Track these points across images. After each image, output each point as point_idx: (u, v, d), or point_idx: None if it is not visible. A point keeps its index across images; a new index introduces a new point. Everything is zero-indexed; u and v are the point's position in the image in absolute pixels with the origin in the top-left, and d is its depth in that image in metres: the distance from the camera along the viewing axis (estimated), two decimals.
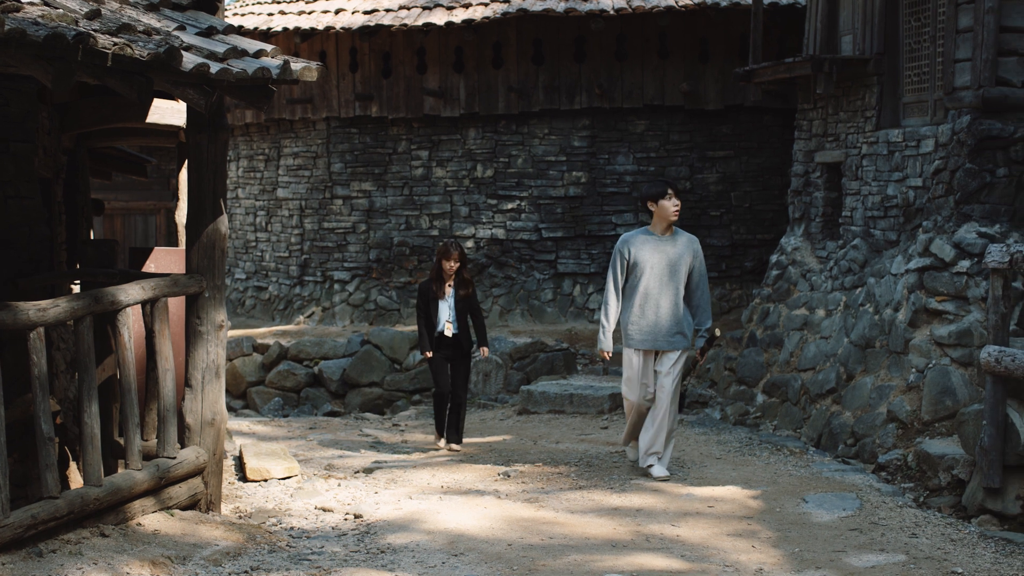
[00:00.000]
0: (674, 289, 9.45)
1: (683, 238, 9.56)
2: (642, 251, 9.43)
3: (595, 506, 8.58)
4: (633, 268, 9.46)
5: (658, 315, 9.44)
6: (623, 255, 9.48)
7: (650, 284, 9.42)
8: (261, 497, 8.87)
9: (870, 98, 12.74)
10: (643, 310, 9.46)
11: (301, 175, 18.57)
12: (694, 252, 9.52)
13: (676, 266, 9.43)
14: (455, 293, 11.25)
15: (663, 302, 9.44)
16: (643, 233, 9.57)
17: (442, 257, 11.25)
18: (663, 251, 9.44)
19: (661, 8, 16.32)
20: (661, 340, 9.46)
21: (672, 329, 9.46)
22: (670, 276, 9.43)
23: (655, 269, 9.41)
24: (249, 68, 6.84)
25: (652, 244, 9.45)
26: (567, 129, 17.26)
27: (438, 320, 11.21)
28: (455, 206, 17.55)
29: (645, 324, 9.46)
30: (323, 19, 17.42)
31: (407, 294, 17.61)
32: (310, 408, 15.89)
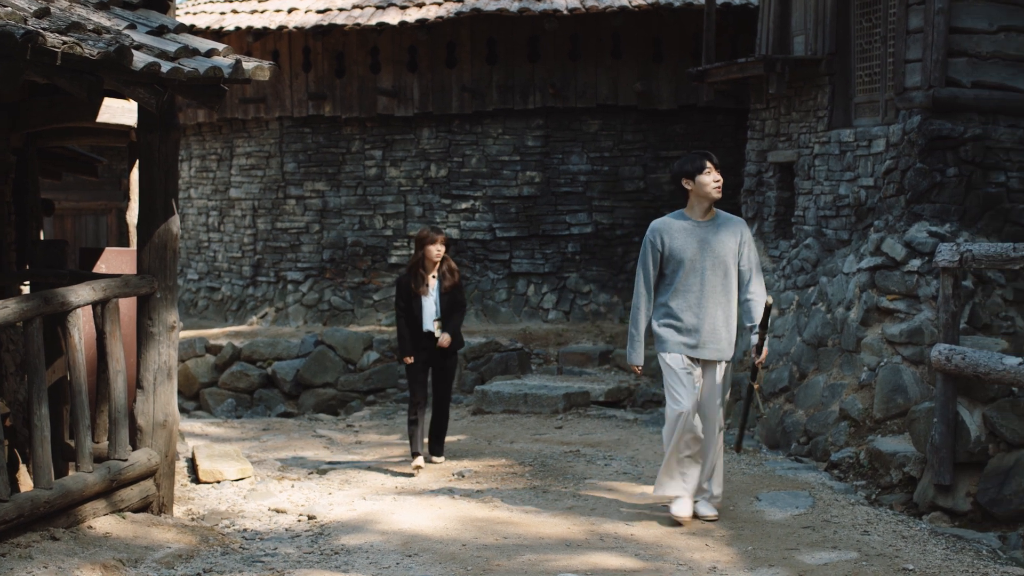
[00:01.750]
0: (720, 285, 7.85)
1: (727, 222, 7.96)
2: (678, 240, 7.85)
3: (549, 506, 8.58)
4: (668, 261, 7.89)
5: (700, 317, 7.83)
6: (655, 246, 7.90)
7: (690, 280, 7.83)
8: (214, 499, 8.82)
9: (822, 98, 12.82)
10: (681, 311, 7.86)
11: (254, 175, 18.48)
12: (742, 237, 7.93)
13: (721, 256, 7.84)
14: (439, 287, 10.11)
15: (707, 302, 7.84)
16: (678, 218, 7.98)
17: (425, 243, 10.06)
18: (704, 239, 7.85)
19: (615, 8, 16.35)
20: (704, 347, 7.87)
21: (719, 335, 7.87)
22: (713, 269, 7.83)
23: (695, 261, 7.83)
24: (201, 67, 6.80)
25: (690, 231, 7.88)
26: (521, 129, 17.26)
27: (423, 319, 10.06)
28: (409, 206, 17.51)
29: (684, 327, 7.87)
30: (276, 18, 17.35)
31: (361, 294, 17.56)
32: (263, 409, 15.82)
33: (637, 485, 9.21)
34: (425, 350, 10.12)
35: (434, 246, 10.01)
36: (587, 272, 17.10)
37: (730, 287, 7.90)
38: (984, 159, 10.81)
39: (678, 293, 7.88)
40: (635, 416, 12.97)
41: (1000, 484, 8.02)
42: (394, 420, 13.35)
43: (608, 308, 16.94)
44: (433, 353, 10.14)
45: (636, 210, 17.14)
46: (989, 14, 10.90)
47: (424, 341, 10.11)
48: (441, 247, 10.05)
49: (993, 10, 10.89)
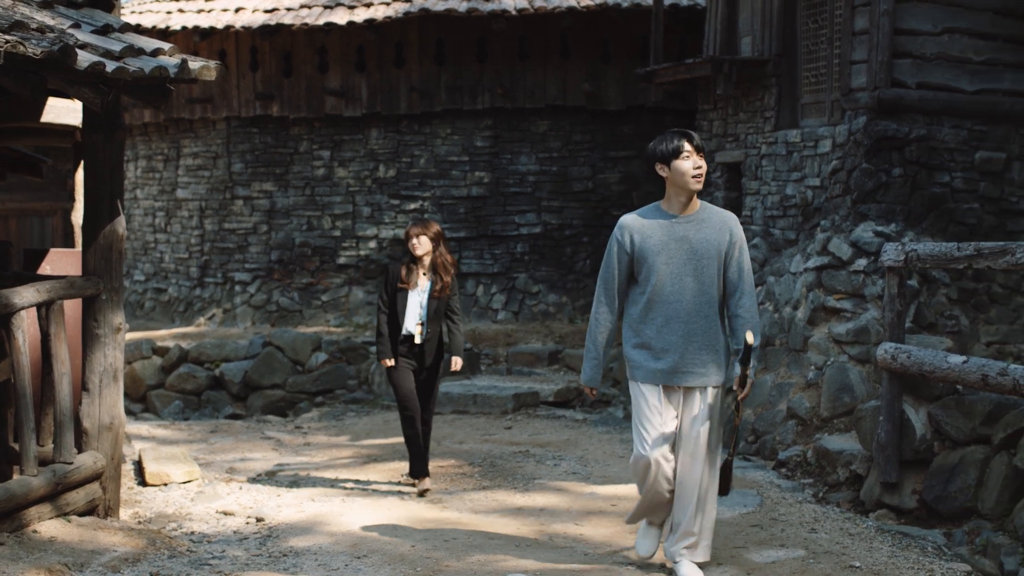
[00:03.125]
0: (701, 292, 6.48)
1: (713, 217, 6.57)
2: (652, 239, 6.49)
3: (499, 506, 8.58)
4: (639, 264, 6.53)
5: (679, 336, 6.48)
6: (623, 246, 6.54)
7: (665, 286, 6.47)
8: (161, 502, 8.76)
9: (769, 99, 12.89)
10: (656, 325, 6.52)
11: (201, 175, 18.37)
12: (731, 236, 6.54)
13: (704, 257, 6.48)
14: (430, 288, 9.09)
15: (688, 316, 6.48)
16: (652, 213, 6.60)
17: (411, 235, 9.11)
18: (683, 237, 6.48)
19: (563, 9, 16.38)
20: (685, 371, 6.52)
21: (701, 355, 6.50)
22: (695, 273, 6.46)
23: (672, 263, 6.47)
24: (146, 67, 6.75)
25: (666, 227, 6.51)
26: (470, 129, 17.25)
27: (404, 318, 9.03)
28: (357, 206, 17.46)
29: (659, 348, 6.51)
30: (223, 18, 17.25)
31: (309, 295, 17.50)
32: (211, 411, 15.72)
33: (586, 485, 9.23)
34: (411, 356, 9.15)
35: (409, 241, 9.09)
36: (536, 272, 17.11)
37: (717, 297, 6.53)
38: (929, 159, 10.91)
39: (652, 305, 6.51)
40: (584, 416, 12.99)
41: (945, 481, 8.10)
42: (343, 422, 13.31)
43: (557, 308, 16.96)
44: (418, 360, 9.19)
45: (585, 210, 17.17)
46: (933, 16, 11.00)
47: (407, 345, 9.11)
48: (422, 242, 9.03)
49: (937, 12, 11.00)
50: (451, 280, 9.16)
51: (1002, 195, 11.22)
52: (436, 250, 9.13)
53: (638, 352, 6.61)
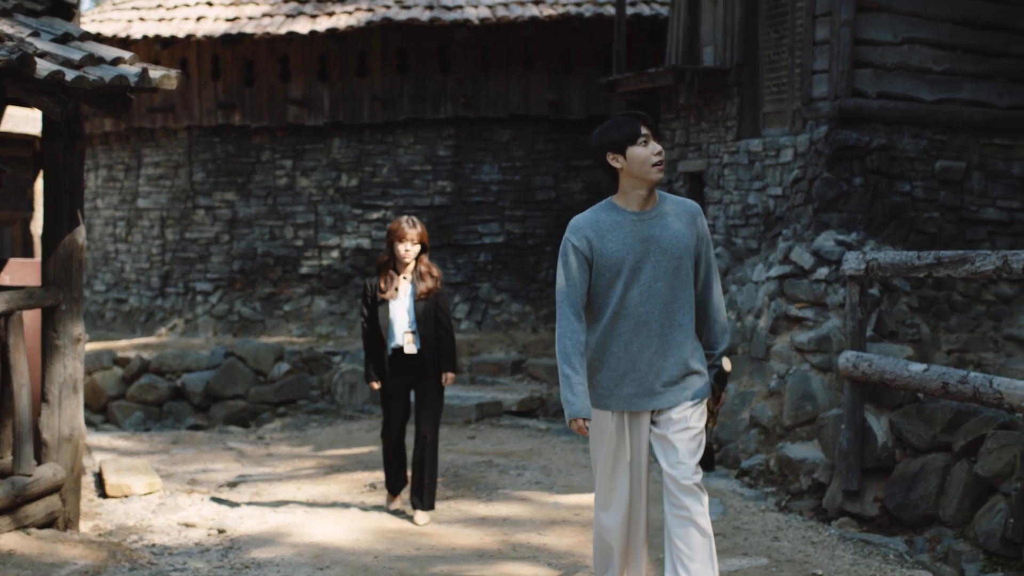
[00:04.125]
0: (675, 298, 5.53)
1: (678, 209, 5.63)
2: (612, 241, 5.50)
3: (462, 516, 8.57)
4: (601, 272, 5.51)
5: (651, 348, 5.51)
6: (579, 251, 5.51)
7: (633, 296, 5.49)
8: (122, 514, 8.70)
9: (731, 108, 12.94)
10: (623, 342, 5.52)
11: (162, 185, 18.28)
12: (698, 231, 5.63)
13: (676, 258, 5.52)
14: (413, 291, 8.32)
15: (659, 324, 5.51)
16: (608, 211, 5.62)
17: (394, 239, 8.29)
18: (649, 236, 5.51)
19: (525, 18, 16.39)
20: (660, 392, 5.56)
21: (677, 368, 5.56)
22: (668, 276, 5.50)
23: (641, 269, 5.49)
24: (106, 76, 6.71)
25: (627, 227, 5.52)
26: (432, 138, 17.23)
27: (390, 331, 8.29)
28: (320, 216, 17.42)
29: (627, 365, 5.53)
30: (184, 26, 17.16)
31: (272, 305, 17.43)
32: (173, 422, 15.63)
33: (550, 494, 9.22)
34: (402, 373, 8.40)
35: (402, 244, 8.26)
36: (499, 282, 17.11)
37: (690, 299, 5.59)
38: (889, 169, 10.97)
39: (618, 319, 5.50)
40: (547, 425, 12.98)
41: (907, 489, 8.13)
42: (305, 432, 13.26)
43: (520, 318, 16.96)
44: (413, 377, 8.40)
45: (548, 219, 17.18)
46: (893, 26, 11.08)
47: (397, 360, 8.37)
48: (414, 246, 8.30)
49: (897, 22, 11.07)
50: (438, 283, 8.37)
51: (962, 204, 11.29)
52: (421, 256, 8.41)
53: (606, 375, 5.55)
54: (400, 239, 8.27)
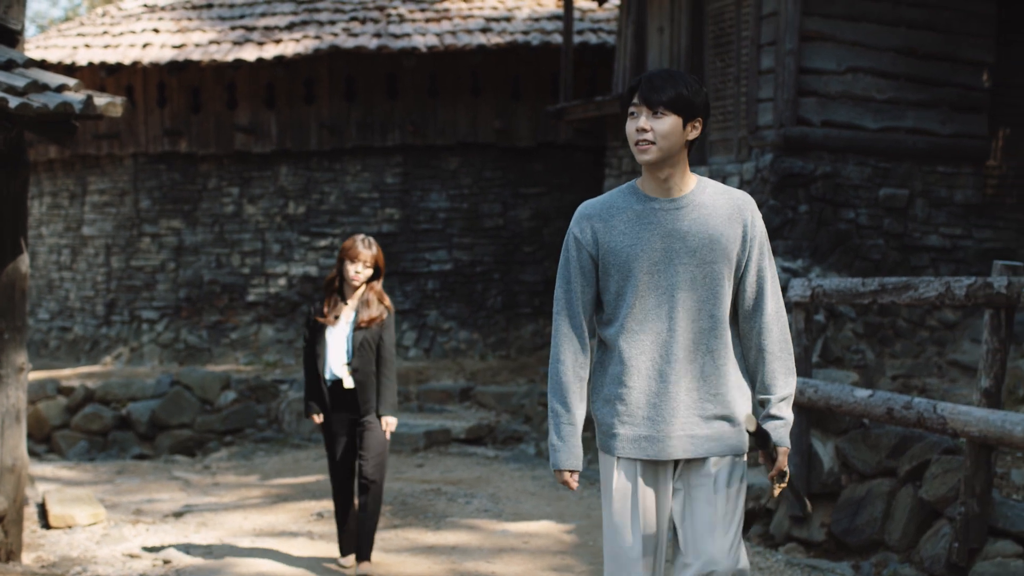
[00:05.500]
0: (702, 313, 4.25)
1: (717, 199, 4.29)
2: (623, 233, 4.25)
3: (410, 545, 8.53)
4: (607, 273, 4.29)
5: (670, 378, 4.24)
6: (582, 244, 4.30)
7: (647, 306, 4.24)
8: (65, 545, 8.59)
9: None
10: (633, 366, 4.27)
11: (108, 212, 18.15)
12: (746, 228, 4.27)
13: (705, 261, 4.23)
14: (354, 319, 7.48)
15: (681, 346, 4.24)
16: (624, 196, 4.32)
17: (346, 258, 7.42)
18: (672, 231, 4.23)
19: (473, 47, 16.44)
20: (681, 435, 4.25)
21: (703, 408, 4.27)
22: (692, 284, 4.22)
23: (657, 271, 4.23)
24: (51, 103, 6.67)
25: (644, 217, 4.25)
26: (380, 166, 17.23)
27: (324, 361, 7.50)
28: (267, 243, 17.35)
29: (638, 403, 4.28)
30: (130, 53, 17.08)
31: (218, 333, 17.32)
32: (118, 452, 15.48)
33: (498, 522, 9.20)
34: (342, 409, 7.58)
35: (353, 265, 7.39)
36: (447, 309, 17.10)
37: (724, 318, 4.28)
38: (834, 196, 11.07)
39: (629, 336, 4.25)
40: (496, 453, 12.97)
41: (853, 514, 8.18)
42: (252, 461, 13.17)
43: (469, 345, 16.94)
44: (353, 414, 7.58)
45: (496, 247, 17.20)
46: (837, 55, 11.19)
47: (336, 393, 7.54)
48: (365, 268, 7.42)
49: (841, 51, 11.19)
50: (383, 314, 7.51)
51: (905, 231, 11.41)
52: (371, 282, 7.56)
53: (608, 409, 4.34)
54: (351, 259, 7.37)
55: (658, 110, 4.16)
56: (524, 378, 15.28)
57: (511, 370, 15.85)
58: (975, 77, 11.67)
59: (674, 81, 4.18)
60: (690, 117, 4.20)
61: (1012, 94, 11.89)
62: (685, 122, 4.20)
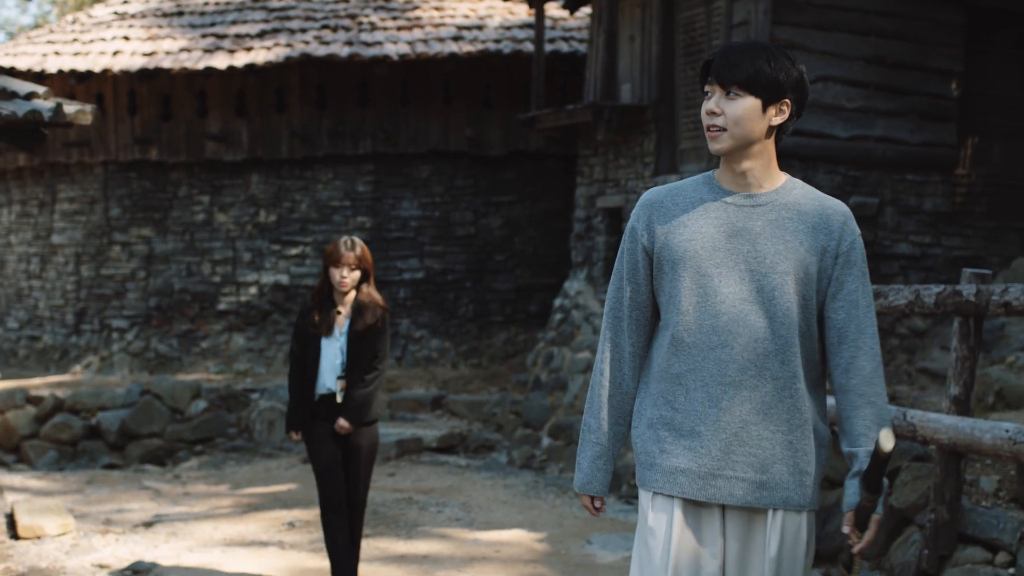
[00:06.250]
0: (768, 332, 3.52)
1: (805, 205, 3.62)
2: (683, 224, 3.61)
3: (381, 554, 8.51)
4: (661, 270, 3.64)
5: (721, 400, 3.52)
6: (636, 235, 3.69)
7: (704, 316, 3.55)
8: (34, 555, 8.54)
9: (648, 144, 13.05)
10: (685, 388, 3.57)
11: (77, 220, 18.07)
12: (839, 242, 3.56)
13: (772, 271, 3.53)
14: (349, 328, 7.07)
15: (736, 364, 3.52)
16: (698, 186, 3.68)
17: (330, 263, 7.00)
18: (741, 230, 3.57)
19: (445, 55, 16.44)
20: (734, 476, 3.52)
21: (763, 447, 3.53)
22: (758, 296, 3.52)
23: (714, 272, 3.56)
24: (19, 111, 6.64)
25: (713, 210, 3.61)
26: (352, 174, 17.20)
27: (318, 374, 7.06)
28: (238, 252, 17.30)
29: (684, 424, 3.57)
30: (100, 60, 17.02)
31: (189, 342, 17.26)
32: (87, 461, 15.40)
33: (470, 531, 9.19)
34: (331, 421, 7.10)
35: (338, 270, 6.96)
36: (419, 318, 17.08)
37: (793, 342, 3.53)
38: None
39: (679, 347, 3.58)
40: (467, 462, 12.95)
41: (823, 521, 8.20)
42: (223, 470, 13.12)
43: (440, 354, 16.93)
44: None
45: (467, 256, 17.20)
46: (807, 64, 11.20)
47: (327, 408, 7.12)
48: (352, 272, 6.98)
49: (810, 60, 11.23)
50: (380, 320, 7.10)
51: (875, 239, 11.46)
52: (361, 286, 7.11)
53: (652, 435, 3.61)
54: (335, 263, 6.93)
55: (732, 90, 3.51)
56: (496, 387, 15.28)
57: (483, 379, 15.85)
58: (944, 86, 11.74)
59: (754, 55, 3.50)
60: (773, 99, 3.52)
61: (981, 103, 11.97)
62: (766, 105, 3.52)
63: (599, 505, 3.77)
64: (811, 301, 3.55)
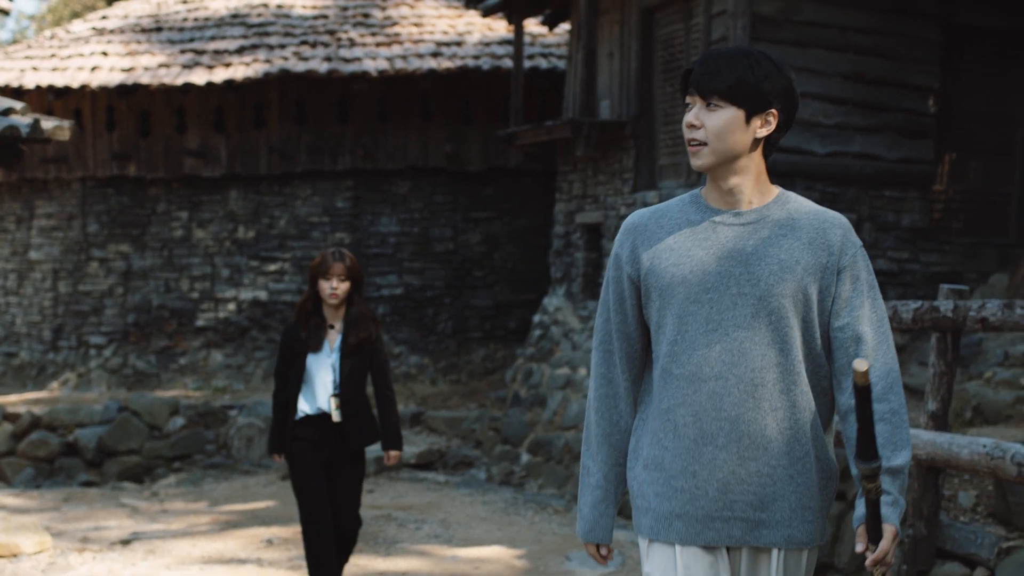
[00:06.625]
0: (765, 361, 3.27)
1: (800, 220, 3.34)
2: (670, 248, 3.38)
3: (360, 571, 8.49)
4: (649, 297, 3.39)
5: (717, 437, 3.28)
6: (620, 262, 3.45)
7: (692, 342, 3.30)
8: (10, 574, 8.49)
9: (627, 161, 13.07)
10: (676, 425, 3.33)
11: (55, 236, 18.01)
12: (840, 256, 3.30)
13: (769, 294, 3.27)
14: (342, 342, 6.68)
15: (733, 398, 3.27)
16: (684, 206, 3.49)
17: (317, 275, 6.65)
18: (733, 251, 3.33)
19: (424, 71, 16.44)
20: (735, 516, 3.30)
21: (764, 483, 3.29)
22: (752, 321, 3.26)
23: (705, 299, 3.30)
24: None
25: (701, 231, 3.39)
26: (331, 190, 17.18)
27: (309, 392, 6.67)
28: (216, 268, 17.26)
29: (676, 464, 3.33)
30: (78, 76, 16.97)
31: (167, 358, 17.20)
32: (65, 479, 15.32)
33: (448, 548, 9.17)
34: (320, 442, 6.70)
35: (327, 281, 6.60)
36: (398, 334, 17.05)
37: (797, 370, 3.30)
38: None
39: (669, 380, 3.34)
40: (446, 479, 12.93)
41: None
42: (201, 487, 13.08)
43: (419, 370, 16.91)
44: (333, 449, 6.74)
45: (447, 272, 17.19)
46: None
47: (315, 428, 6.69)
48: (342, 283, 6.61)
49: None
50: (374, 333, 6.76)
51: None
52: (354, 297, 6.74)
53: (647, 476, 3.37)
54: (324, 274, 6.58)
55: (712, 100, 3.25)
56: (475, 403, 15.26)
57: (462, 395, 15.83)
58: (921, 102, 11.79)
59: (735, 62, 3.23)
60: (757, 109, 3.26)
61: (958, 119, 12.03)
62: (749, 115, 3.25)
63: (605, 553, 3.48)
64: (813, 324, 3.28)
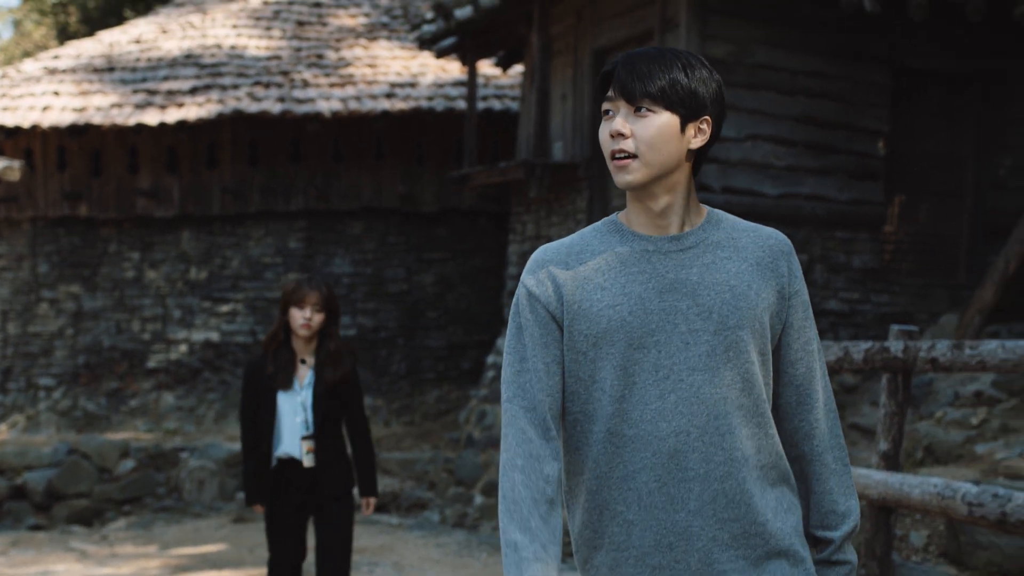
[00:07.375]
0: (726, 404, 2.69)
1: (740, 239, 2.80)
2: (600, 286, 2.72)
3: None
4: (577, 346, 2.72)
5: (687, 501, 2.67)
6: (536, 301, 2.75)
7: (642, 396, 2.68)
8: None
9: (581, 202, 13.11)
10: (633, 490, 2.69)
11: (4, 277, 17.85)
12: (782, 284, 2.80)
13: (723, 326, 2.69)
14: (314, 379, 6.05)
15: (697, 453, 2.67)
16: (603, 233, 2.81)
17: (288, 303, 6.06)
18: (673, 280, 2.72)
19: (377, 112, 16.46)
20: None
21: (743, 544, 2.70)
22: (708, 359, 2.67)
23: (652, 344, 2.69)
24: None
25: (634, 263, 2.74)
26: (284, 231, 17.14)
27: (276, 434, 6.03)
28: (168, 309, 17.15)
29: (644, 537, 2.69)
30: (29, 116, 16.87)
31: (118, 400, 17.04)
32: (12, 522, 15.11)
33: None
34: (294, 492, 6.11)
35: (300, 311, 5.99)
36: None
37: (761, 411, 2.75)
38: None
39: (620, 443, 2.71)
40: (400, 521, 12.86)
41: None
42: (152, 531, 12.93)
43: (372, 411, 16.83)
44: (308, 499, 6.14)
45: (400, 312, 17.16)
46: (737, 123, 11.36)
47: (286, 474, 6.08)
48: (317, 314, 6.00)
49: (740, 119, 11.36)
50: (351, 366, 6.14)
51: None
52: (330, 330, 6.09)
53: (612, 558, 2.75)
54: (298, 303, 5.97)
55: (642, 105, 2.69)
56: (428, 444, 15.20)
57: (415, 436, 15.76)
58: (871, 145, 11.90)
59: (667, 63, 2.72)
60: (693, 115, 2.73)
61: (907, 161, 12.15)
62: (685, 122, 2.72)
63: None
64: (768, 357, 2.78)
